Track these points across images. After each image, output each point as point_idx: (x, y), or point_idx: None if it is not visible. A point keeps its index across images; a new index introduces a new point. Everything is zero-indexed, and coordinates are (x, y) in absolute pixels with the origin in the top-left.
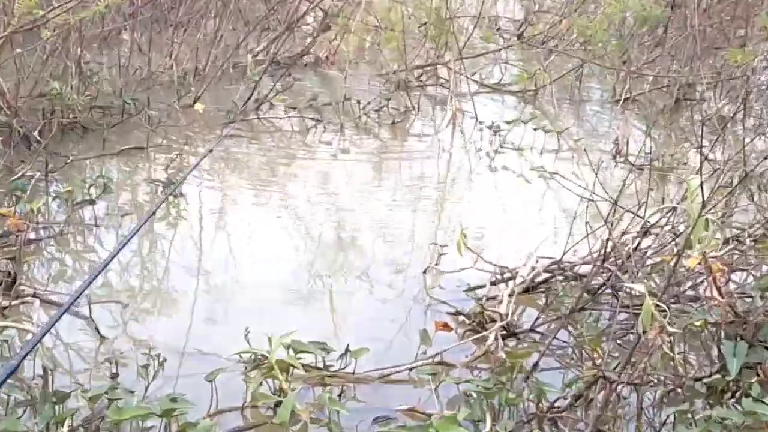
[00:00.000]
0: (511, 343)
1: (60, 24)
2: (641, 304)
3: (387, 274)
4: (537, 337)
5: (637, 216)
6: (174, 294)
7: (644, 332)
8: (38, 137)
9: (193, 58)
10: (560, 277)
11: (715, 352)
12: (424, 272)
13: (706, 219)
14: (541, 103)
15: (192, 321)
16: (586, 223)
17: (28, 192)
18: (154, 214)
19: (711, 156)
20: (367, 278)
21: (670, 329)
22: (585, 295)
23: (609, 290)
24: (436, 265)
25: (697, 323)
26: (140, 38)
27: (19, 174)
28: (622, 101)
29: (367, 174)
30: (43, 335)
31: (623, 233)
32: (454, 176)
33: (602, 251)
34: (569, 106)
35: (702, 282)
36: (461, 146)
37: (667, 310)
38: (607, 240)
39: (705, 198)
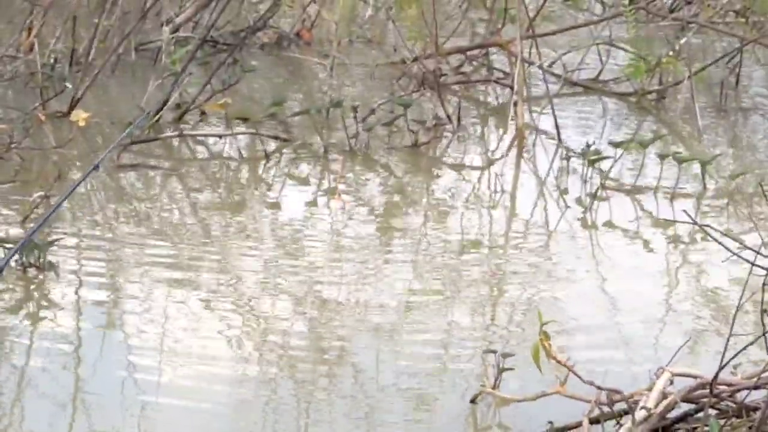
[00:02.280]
0: None
1: None
2: None
3: (404, 407)
4: None
5: None
6: None
7: None
8: None
9: (67, 34)
10: (713, 411)
11: None
12: (473, 401)
13: None
14: (672, 114)
15: None
16: (764, 311)
17: None
18: None
19: None
20: (366, 415)
21: None
22: None
23: None
24: (493, 388)
25: None
26: None
27: None
28: None
29: (369, 234)
30: None
31: None
32: (521, 237)
33: None
34: (719, 118)
35: None
36: (533, 186)
37: None
38: None
39: None
